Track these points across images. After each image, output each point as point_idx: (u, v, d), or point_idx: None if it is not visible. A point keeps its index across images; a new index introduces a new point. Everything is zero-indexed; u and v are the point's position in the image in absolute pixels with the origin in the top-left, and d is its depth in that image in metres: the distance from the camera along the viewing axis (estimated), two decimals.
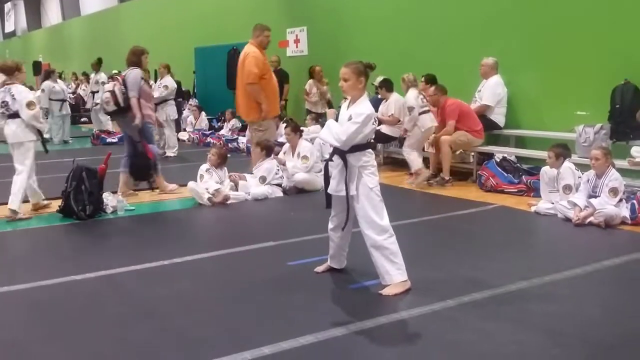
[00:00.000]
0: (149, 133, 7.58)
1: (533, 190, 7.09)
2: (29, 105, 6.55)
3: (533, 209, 6.44)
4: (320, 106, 11.34)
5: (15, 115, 6.54)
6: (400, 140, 9.02)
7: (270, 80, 8.08)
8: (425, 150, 8.38)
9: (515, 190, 7.31)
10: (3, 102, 6.53)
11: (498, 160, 7.66)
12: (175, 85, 11.66)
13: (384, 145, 9.80)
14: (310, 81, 11.49)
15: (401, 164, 9.25)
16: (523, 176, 7.40)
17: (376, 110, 7.55)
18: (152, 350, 3.35)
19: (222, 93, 14.45)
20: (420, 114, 8.24)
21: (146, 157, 7.39)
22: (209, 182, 7.11)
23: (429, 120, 8.26)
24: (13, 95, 6.53)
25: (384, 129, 9.10)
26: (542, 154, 7.42)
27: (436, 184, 7.94)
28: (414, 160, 8.30)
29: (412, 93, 8.31)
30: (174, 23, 17.42)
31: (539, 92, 7.58)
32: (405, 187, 8.04)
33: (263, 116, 7.96)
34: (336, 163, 4.19)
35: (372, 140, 4.25)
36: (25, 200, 6.67)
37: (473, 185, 7.87)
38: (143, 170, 7.49)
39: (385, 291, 4.05)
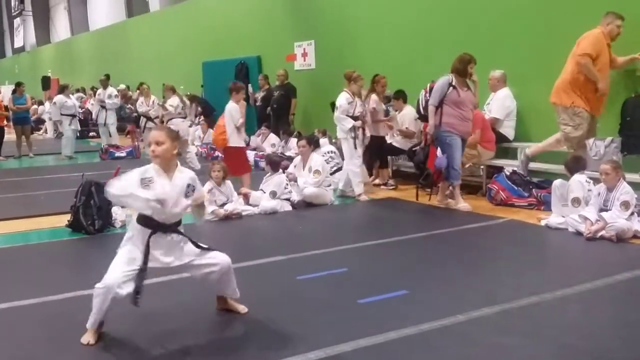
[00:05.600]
0: (443, 141, 7.33)
1: (543, 204, 7.05)
2: (336, 108, 8.20)
3: (543, 222, 6.40)
4: (382, 128, 9.14)
5: None
6: (409, 154, 9.00)
7: (602, 75, 6.87)
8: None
9: (526, 203, 7.27)
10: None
11: (508, 173, 7.62)
12: (180, 104, 11.68)
13: (393, 159, 9.77)
14: (374, 96, 9.03)
15: (410, 177, 9.23)
16: (533, 190, 7.36)
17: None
18: None
19: None
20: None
21: (423, 163, 7.72)
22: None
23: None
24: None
25: (394, 141, 9.09)
26: (552, 167, 7.39)
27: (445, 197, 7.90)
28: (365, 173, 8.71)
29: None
30: (181, 38, 17.53)
31: (548, 104, 7.53)
32: (414, 200, 8.00)
33: (598, 94, 6.94)
34: None
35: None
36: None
37: (483, 199, 7.83)
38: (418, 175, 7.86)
39: None
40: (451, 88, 7.24)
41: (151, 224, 3.70)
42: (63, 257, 5.79)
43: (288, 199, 7.56)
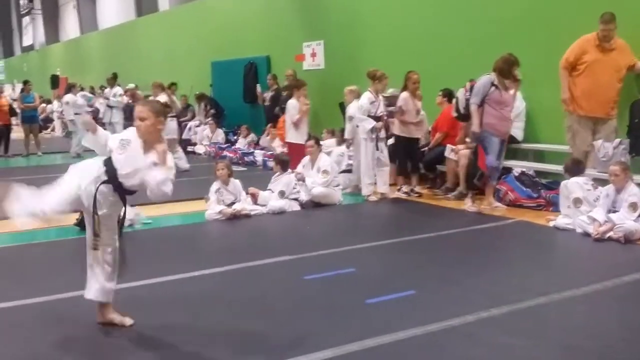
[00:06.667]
0: (487, 142, 7.14)
1: (552, 205, 7.03)
2: (358, 108, 8.14)
3: (552, 223, 6.38)
4: (416, 129, 8.43)
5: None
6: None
7: (587, 74, 7.02)
8: (447, 156, 8.29)
9: (534, 204, 7.25)
10: None
11: (517, 174, 7.60)
12: (168, 102, 11.47)
13: None
14: (405, 94, 8.33)
15: (420, 177, 9.21)
16: (542, 190, 7.34)
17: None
18: None
19: (238, 107, 14.56)
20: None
21: (475, 165, 7.30)
22: (213, 205, 7.06)
23: None
24: None
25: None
26: (560, 168, 7.37)
27: (454, 197, 7.90)
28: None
29: (356, 104, 8.39)
30: (191, 37, 17.56)
31: (557, 106, 7.51)
32: (423, 201, 8.00)
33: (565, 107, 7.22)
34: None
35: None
36: None
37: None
38: (470, 177, 7.49)
39: None
40: (493, 87, 7.13)
41: (111, 178, 3.63)
42: (70, 256, 5.79)
43: (296, 199, 7.56)
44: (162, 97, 11.37)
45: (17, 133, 15.13)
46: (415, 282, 4.64)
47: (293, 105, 8.31)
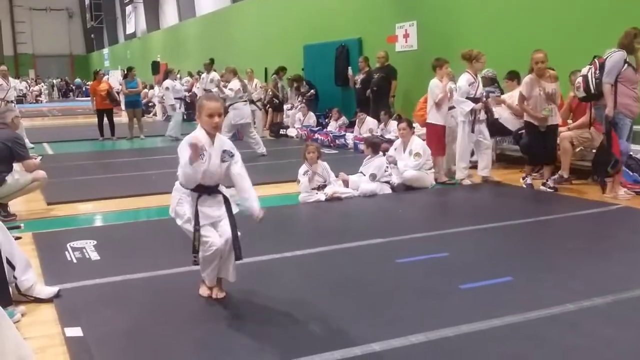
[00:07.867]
0: (621, 125, 6.71)
1: None
2: (455, 90, 7.89)
3: None
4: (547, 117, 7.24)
5: None
6: (515, 136, 8.69)
7: None
8: None
9: None
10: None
11: None
12: (241, 88, 11.20)
13: (498, 141, 9.47)
14: (527, 78, 7.42)
15: (515, 161, 8.93)
16: None
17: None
18: (259, 344, 3.39)
19: (330, 90, 14.58)
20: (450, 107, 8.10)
21: (609, 151, 6.73)
22: (304, 187, 7.08)
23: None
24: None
25: (501, 119, 8.77)
26: None
27: (554, 182, 7.58)
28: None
29: (452, 86, 8.06)
30: (283, 21, 17.73)
31: None
32: (519, 185, 7.72)
33: None
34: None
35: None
36: None
37: (594, 185, 7.44)
38: (601, 165, 6.94)
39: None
40: (626, 65, 6.71)
41: (198, 188, 3.90)
42: (170, 235, 5.98)
43: (388, 182, 7.50)
44: (235, 83, 11.42)
45: (121, 117, 15.80)
46: (512, 268, 4.49)
47: (436, 84, 8.04)
